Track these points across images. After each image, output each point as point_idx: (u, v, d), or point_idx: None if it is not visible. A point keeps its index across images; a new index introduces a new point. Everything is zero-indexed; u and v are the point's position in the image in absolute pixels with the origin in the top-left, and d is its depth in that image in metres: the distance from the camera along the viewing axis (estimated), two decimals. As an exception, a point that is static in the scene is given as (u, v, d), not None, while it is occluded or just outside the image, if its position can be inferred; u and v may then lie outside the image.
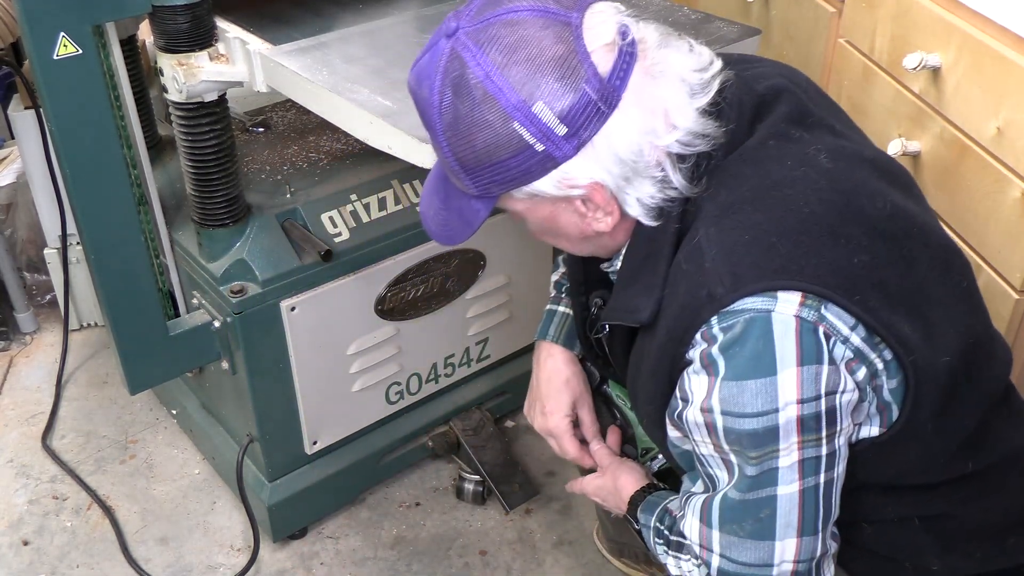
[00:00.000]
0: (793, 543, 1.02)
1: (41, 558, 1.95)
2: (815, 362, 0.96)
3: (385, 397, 1.95)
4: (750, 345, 0.96)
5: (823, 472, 1.00)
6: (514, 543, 1.96)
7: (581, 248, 1.16)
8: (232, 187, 1.65)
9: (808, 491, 1.00)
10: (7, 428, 2.27)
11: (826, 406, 0.97)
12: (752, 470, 1.00)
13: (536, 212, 1.08)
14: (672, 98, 1.01)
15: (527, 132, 0.97)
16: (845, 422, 1.01)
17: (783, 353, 0.95)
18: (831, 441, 0.99)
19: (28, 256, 2.55)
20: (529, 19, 0.97)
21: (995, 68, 1.44)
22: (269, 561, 1.93)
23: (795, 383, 0.95)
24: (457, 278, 1.93)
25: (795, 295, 0.95)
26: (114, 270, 1.60)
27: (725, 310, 0.97)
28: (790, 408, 0.96)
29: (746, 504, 1.02)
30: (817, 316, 0.96)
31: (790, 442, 0.97)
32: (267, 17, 1.65)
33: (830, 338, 0.97)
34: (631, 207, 1.04)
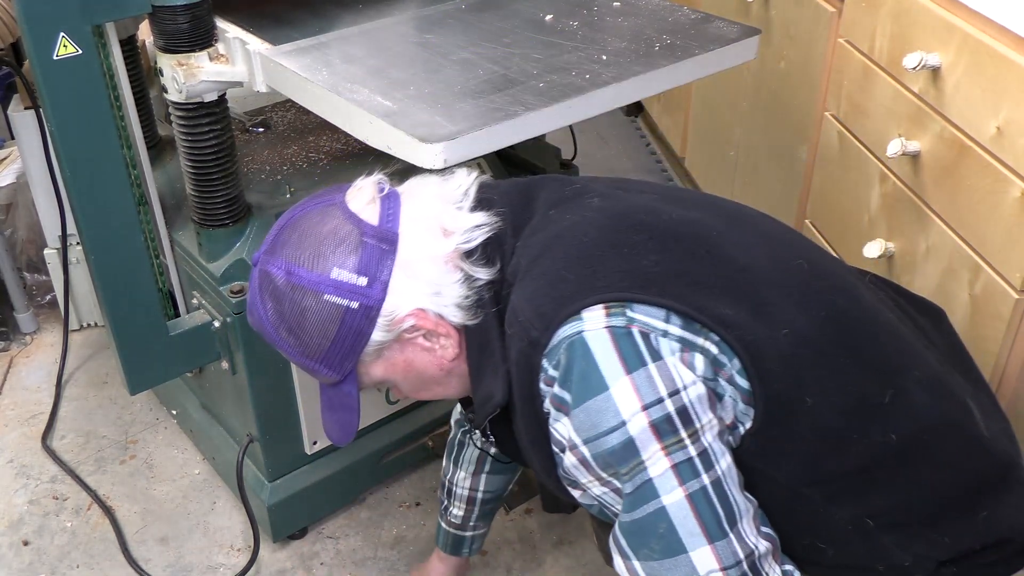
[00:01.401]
0: (707, 550, 0.99)
1: (41, 558, 1.95)
2: (641, 365, 0.97)
3: (385, 397, 1.95)
4: (578, 368, 0.99)
5: (703, 473, 0.99)
6: (514, 543, 1.96)
7: (455, 388, 1.22)
8: (232, 187, 1.65)
9: (696, 495, 0.98)
10: (7, 428, 2.28)
11: (674, 406, 0.97)
12: (629, 487, 1.00)
13: (394, 369, 1.17)
14: (439, 212, 1.14)
15: (338, 298, 1.09)
16: (705, 417, 0.99)
17: (607, 366, 0.98)
18: (697, 440, 0.98)
19: (28, 256, 2.55)
20: (302, 215, 1.14)
21: (995, 68, 1.44)
22: (269, 561, 1.93)
23: (632, 391, 0.97)
24: (457, 278, 1.92)
25: (597, 308, 1.00)
26: (114, 270, 1.60)
27: (547, 349, 1.02)
28: (637, 417, 0.97)
29: (639, 523, 1.01)
30: (626, 319, 0.99)
31: (652, 450, 0.97)
32: (267, 17, 1.65)
33: (648, 336, 0.99)
34: (454, 316, 1.13)
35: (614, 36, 1.52)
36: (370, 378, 1.19)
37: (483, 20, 1.61)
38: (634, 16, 1.61)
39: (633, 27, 1.56)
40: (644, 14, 1.62)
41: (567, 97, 1.32)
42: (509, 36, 1.53)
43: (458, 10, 1.66)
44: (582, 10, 1.63)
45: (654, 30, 1.55)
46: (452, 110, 1.29)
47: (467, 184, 1.19)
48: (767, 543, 1.05)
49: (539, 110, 1.29)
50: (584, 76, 1.37)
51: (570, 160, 2.06)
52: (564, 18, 1.60)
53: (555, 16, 1.60)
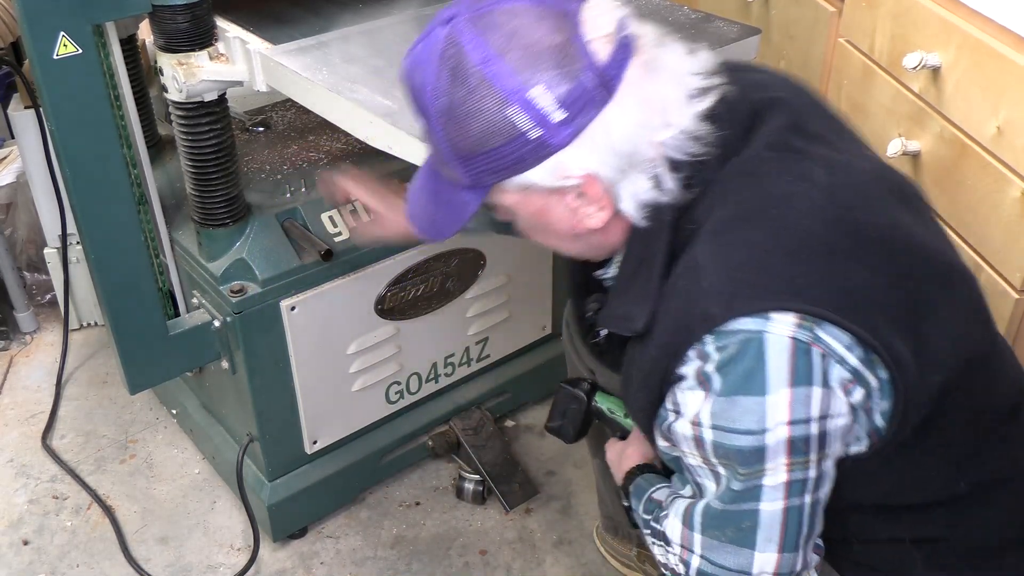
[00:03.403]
0: (773, 557, 1.01)
1: (41, 558, 1.95)
2: (807, 384, 0.95)
3: (385, 397, 1.95)
4: (744, 364, 0.95)
5: (808, 493, 1.00)
6: (514, 543, 1.96)
7: (572, 247, 1.14)
8: (232, 187, 1.65)
9: (792, 510, 0.99)
10: (7, 428, 2.27)
11: (817, 430, 0.96)
12: (738, 485, 1.00)
13: (527, 206, 1.06)
14: (669, 95, 1.00)
15: (523, 118, 0.95)
16: (835, 445, 0.99)
17: (776, 373, 0.94)
18: (819, 464, 0.99)
19: (28, 256, 2.55)
20: (526, 8, 0.96)
21: (995, 68, 1.44)
22: (269, 561, 1.93)
23: (786, 404, 0.95)
24: (457, 278, 1.93)
25: (790, 316, 0.95)
26: (114, 270, 1.60)
27: (720, 329, 0.96)
28: (780, 429, 0.95)
29: (727, 514, 1.02)
30: (812, 337, 0.95)
31: (777, 462, 0.97)
32: (267, 17, 1.65)
33: (825, 358, 0.95)
34: (624, 202, 1.02)
35: (614, 36, 1.52)
36: (497, 200, 1.07)
37: (483, 20, 1.61)
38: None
39: (633, 27, 1.56)
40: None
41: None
42: (509, 36, 1.53)
43: (458, 10, 1.66)
44: (582, 10, 1.63)
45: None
46: (452, 110, 1.28)
47: (712, 75, 1.03)
48: (816, 558, 1.06)
49: (539, 110, 1.29)
50: (584, 76, 1.37)
51: (570, 160, 2.06)
52: (564, 18, 1.59)
53: (555, 16, 1.60)
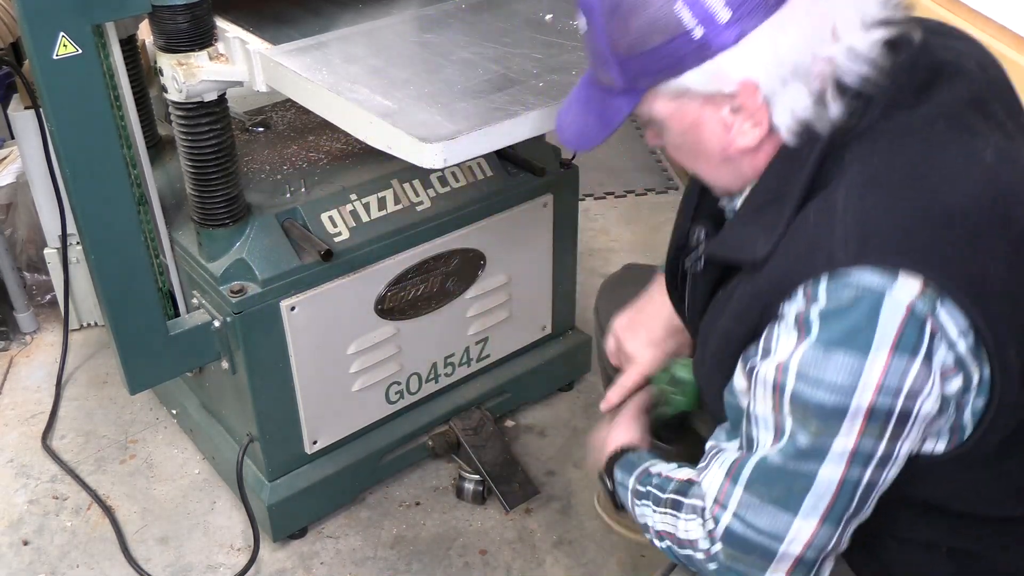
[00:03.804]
0: (813, 526, 0.99)
1: (41, 558, 1.95)
2: (910, 354, 0.91)
3: (385, 397, 1.95)
4: (852, 318, 0.91)
5: (871, 469, 0.97)
6: (514, 543, 1.96)
7: (717, 173, 1.09)
8: (232, 187, 1.65)
9: (849, 482, 0.97)
10: (7, 428, 2.27)
11: (902, 406, 0.93)
12: (805, 440, 0.96)
13: (681, 118, 1.03)
14: (844, 14, 0.96)
15: (688, 14, 0.93)
16: (915, 430, 0.96)
17: (882, 335, 0.91)
18: (892, 442, 0.95)
19: (28, 256, 2.56)
20: None
21: (995, 68, 1.44)
22: (269, 561, 1.93)
23: (882, 370, 0.91)
24: (457, 278, 1.93)
25: (916, 281, 0.90)
26: (114, 270, 1.60)
27: (839, 274, 0.92)
28: (868, 394, 0.92)
29: (785, 472, 0.99)
30: (930, 309, 0.91)
31: (854, 427, 0.94)
32: (267, 17, 1.66)
33: (935, 336, 0.92)
34: (780, 115, 0.98)
35: (614, 36, 1.52)
36: (650, 110, 1.04)
37: (483, 20, 1.61)
38: (634, 16, 1.61)
39: (633, 27, 1.56)
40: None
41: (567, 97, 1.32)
42: (509, 36, 1.53)
43: (458, 10, 1.66)
44: (582, 10, 1.63)
45: (654, 30, 1.54)
46: (452, 110, 1.29)
47: (896, 11, 0.99)
48: (846, 545, 1.04)
49: (539, 110, 1.29)
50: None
51: (570, 160, 2.06)
52: (564, 18, 1.60)
53: (555, 16, 1.60)
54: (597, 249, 2.87)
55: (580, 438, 2.20)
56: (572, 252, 2.15)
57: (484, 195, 1.90)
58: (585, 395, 2.32)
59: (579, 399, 2.31)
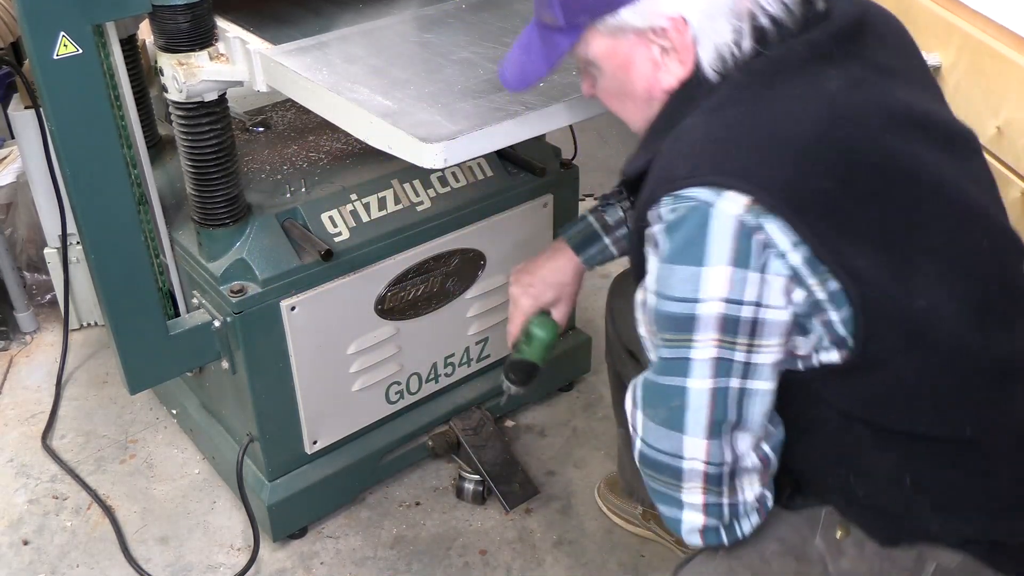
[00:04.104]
0: (702, 444, 1.04)
1: (41, 558, 1.95)
2: (746, 267, 0.97)
3: (385, 397, 1.95)
4: (686, 231, 0.98)
5: (737, 377, 1.01)
6: (514, 543, 1.96)
7: (641, 115, 1.15)
8: (232, 187, 1.65)
9: (720, 392, 1.01)
10: (7, 428, 2.27)
11: (750, 315, 0.98)
12: (666, 353, 1.03)
13: (614, 56, 1.10)
14: None
15: None
16: (771, 340, 1.00)
17: (717, 248, 0.97)
18: (750, 353, 1.00)
19: (28, 256, 2.56)
20: None
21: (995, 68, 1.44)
22: (269, 561, 1.93)
23: (725, 281, 0.97)
24: (457, 278, 1.93)
25: (743, 197, 0.96)
26: (114, 270, 1.60)
27: (676, 193, 0.99)
28: (713, 304, 0.98)
29: (658, 388, 1.05)
30: (757, 224, 0.96)
31: (707, 336, 0.99)
32: (267, 17, 1.66)
33: (766, 249, 0.97)
34: (705, 49, 1.04)
35: (614, 36, 1.52)
36: (586, 49, 1.12)
37: (483, 20, 1.61)
38: (634, 16, 1.61)
39: (633, 27, 1.56)
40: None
41: (567, 97, 1.32)
42: (509, 36, 1.53)
43: (458, 10, 1.66)
44: (582, 10, 1.63)
45: (654, 30, 1.54)
46: (452, 110, 1.29)
47: None
48: (758, 461, 1.09)
49: (539, 110, 1.29)
50: (584, 76, 1.37)
51: (570, 160, 2.06)
52: (564, 18, 1.59)
53: (555, 16, 1.60)
54: (597, 249, 2.87)
55: (580, 438, 2.21)
56: (572, 252, 2.14)
57: (484, 195, 1.90)
58: (585, 395, 2.32)
59: (579, 399, 2.31)
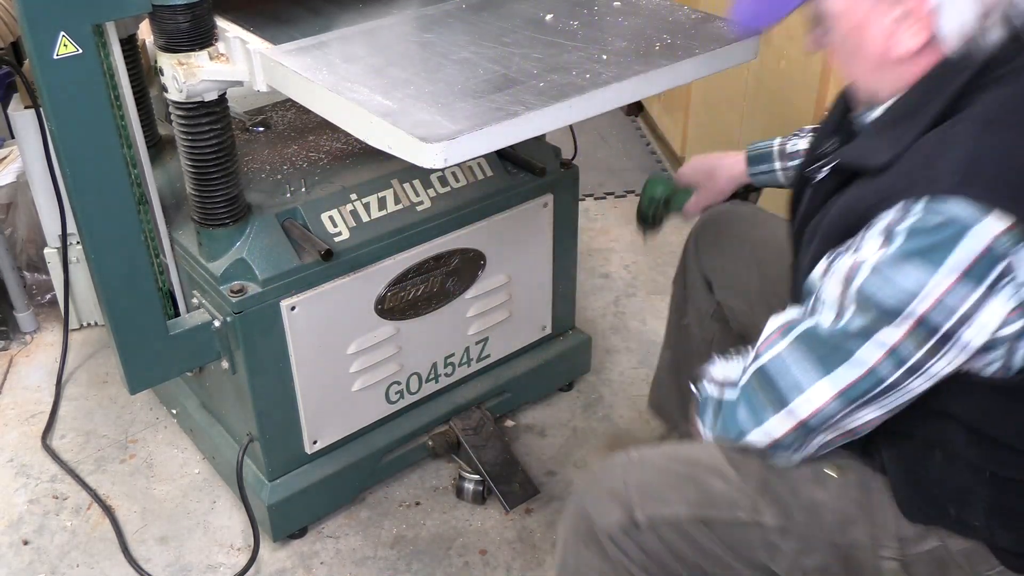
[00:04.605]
0: (830, 393, 1.07)
1: (41, 558, 1.95)
2: (975, 283, 0.97)
3: (385, 397, 1.95)
4: (935, 239, 0.97)
5: (900, 370, 1.03)
6: (514, 543, 1.96)
7: (869, 79, 1.15)
8: (232, 187, 1.65)
9: (877, 371, 1.04)
10: (7, 428, 2.28)
11: (949, 326, 0.99)
12: (858, 324, 1.04)
13: (849, 17, 1.10)
14: None
15: None
16: (950, 354, 1.02)
17: (957, 258, 0.97)
18: (928, 356, 1.02)
19: (28, 256, 2.56)
20: None
21: (996, 68, 1.43)
22: (269, 561, 1.93)
23: (945, 287, 0.97)
24: (457, 278, 1.93)
25: (1006, 221, 0.96)
26: (114, 270, 1.60)
27: (938, 199, 0.98)
28: (925, 303, 0.99)
29: (830, 343, 1.07)
30: (1010, 250, 0.96)
31: (901, 327, 1.01)
32: (267, 17, 1.66)
33: (1004, 277, 0.97)
34: (947, 23, 1.04)
35: (614, 36, 1.52)
36: (822, 4, 1.13)
37: (483, 20, 1.61)
38: (634, 16, 1.61)
39: (633, 27, 1.56)
40: (644, 14, 1.62)
41: (567, 97, 1.32)
42: (509, 36, 1.53)
43: (458, 10, 1.66)
44: (582, 10, 1.63)
45: (654, 30, 1.55)
46: (452, 110, 1.29)
47: None
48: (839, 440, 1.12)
49: (539, 110, 1.29)
50: (584, 76, 1.37)
51: (570, 160, 2.06)
52: (564, 18, 1.60)
53: (555, 16, 1.60)
54: (597, 249, 2.87)
55: (580, 438, 2.21)
56: (572, 252, 2.15)
57: (484, 195, 1.90)
58: (585, 395, 2.32)
59: (579, 399, 2.31)
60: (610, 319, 2.60)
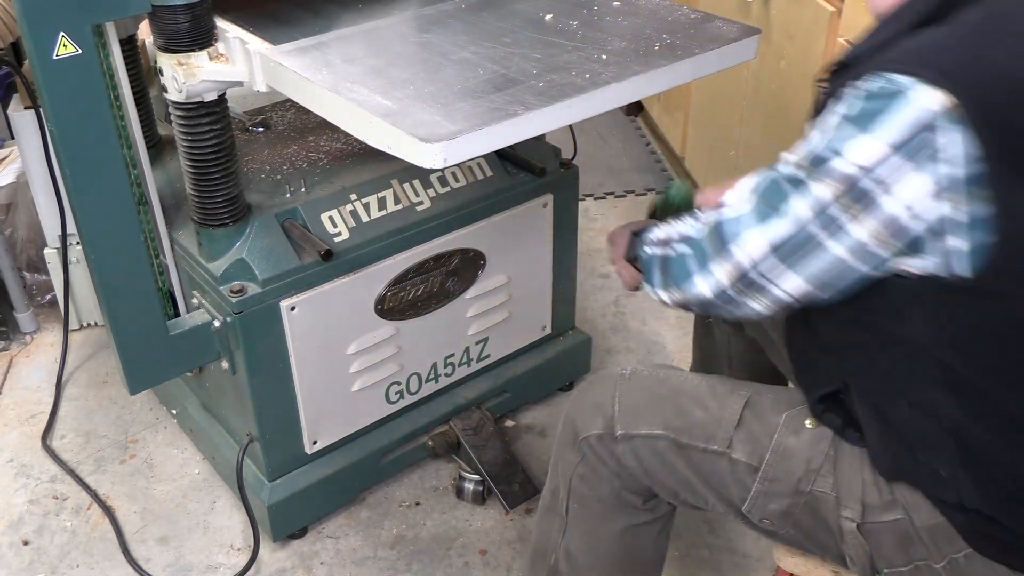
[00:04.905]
0: (762, 242, 1.11)
1: (41, 558, 1.95)
2: (903, 157, 0.99)
3: (385, 397, 1.95)
4: (874, 104, 1.01)
5: (823, 231, 1.06)
6: (514, 543, 1.96)
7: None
8: (232, 187, 1.65)
9: (804, 225, 1.07)
10: (7, 428, 2.28)
11: (873, 191, 1.01)
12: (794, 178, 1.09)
13: None
14: None
15: None
16: (874, 223, 1.03)
17: (888, 127, 0.99)
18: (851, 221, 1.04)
19: (28, 256, 2.56)
20: None
21: (995, 67, 1.43)
22: (269, 561, 1.93)
23: (874, 154, 1.00)
24: (457, 278, 1.93)
25: (947, 98, 0.96)
26: (114, 270, 1.60)
27: (889, 73, 1.00)
28: (852, 166, 1.02)
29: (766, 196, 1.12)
30: (943, 126, 0.97)
31: (831, 184, 1.04)
32: (267, 17, 1.66)
33: (937, 153, 0.98)
34: None
35: (614, 36, 1.52)
36: None
37: (483, 20, 1.61)
38: (634, 16, 1.61)
39: (633, 27, 1.56)
40: (644, 14, 1.62)
41: (567, 97, 1.32)
42: (509, 36, 1.53)
43: (458, 10, 1.66)
44: (582, 10, 1.63)
45: (654, 30, 1.55)
46: (452, 110, 1.29)
47: None
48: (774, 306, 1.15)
49: (539, 110, 1.29)
50: (584, 76, 1.38)
51: (570, 160, 2.06)
52: (564, 18, 1.60)
53: (555, 16, 1.60)
54: (597, 249, 2.87)
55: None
56: (572, 252, 2.15)
57: (484, 195, 1.90)
58: (585, 395, 2.32)
59: (579, 399, 2.31)
60: (610, 319, 2.60)
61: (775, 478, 1.25)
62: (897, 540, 1.20)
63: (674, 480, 1.33)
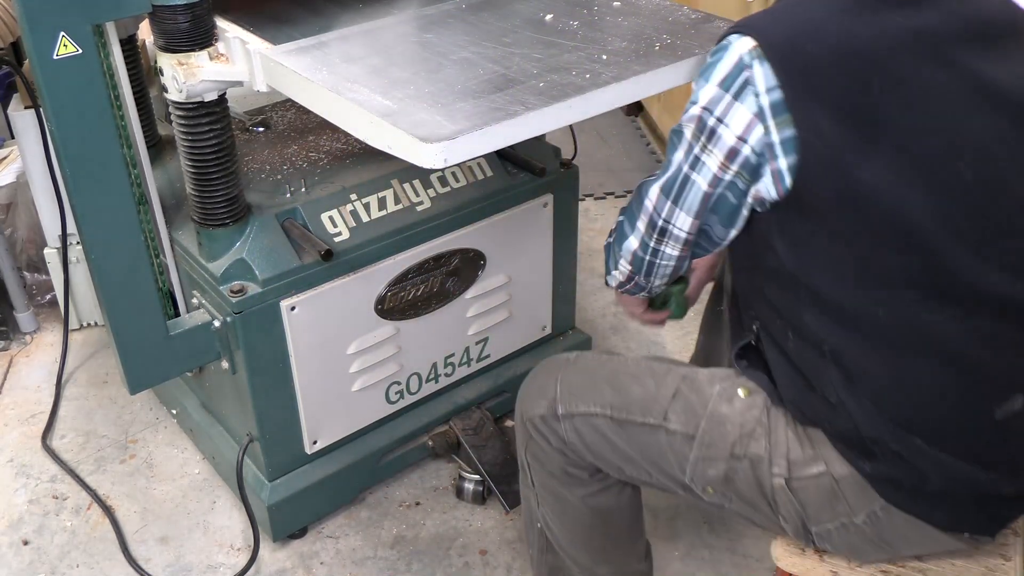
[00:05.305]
0: (657, 191, 1.28)
1: (41, 558, 1.95)
2: (726, 91, 1.17)
3: (385, 397, 1.95)
4: (710, 60, 1.20)
5: (689, 167, 1.23)
6: (514, 543, 1.96)
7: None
8: (232, 187, 1.65)
9: (677, 166, 1.25)
10: (7, 428, 2.28)
11: (713, 125, 1.19)
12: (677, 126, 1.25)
13: None
14: None
15: None
16: (720, 153, 1.19)
17: (718, 73, 1.18)
18: (703, 152, 1.21)
19: (28, 256, 2.56)
20: None
21: None
22: (269, 561, 1.93)
23: (709, 95, 1.19)
24: (457, 278, 1.93)
25: (751, 41, 1.16)
26: (114, 270, 1.60)
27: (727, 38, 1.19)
28: (698, 108, 1.20)
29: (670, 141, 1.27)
30: (750, 63, 1.15)
31: (689, 127, 1.22)
32: (267, 17, 1.66)
33: (747, 84, 1.15)
34: None
35: (614, 36, 1.53)
36: None
37: (483, 20, 1.61)
38: (634, 16, 1.61)
39: (633, 27, 1.56)
40: (644, 14, 1.62)
41: (567, 97, 1.32)
42: (509, 36, 1.53)
43: (458, 10, 1.66)
44: (582, 10, 1.63)
45: (654, 30, 1.55)
46: (452, 110, 1.29)
47: None
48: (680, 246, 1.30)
49: (539, 110, 1.29)
50: (584, 76, 1.38)
51: (570, 160, 2.06)
52: (564, 18, 1.60)
53: (555, 16, 1.60)
54: (597, 249, 2.87)
55: (580, 438, 2.20)
56: (572, 252, 2.15)
57: (484, 195, 1.90)
58: (585, 395, 2.32)
59: (579, 399, 2.31)
60: (610, 319, 2.60)
61: (710, 443, 1.34)
62: (823, 496, 1.28)
63: (616, 456, 1.42)
